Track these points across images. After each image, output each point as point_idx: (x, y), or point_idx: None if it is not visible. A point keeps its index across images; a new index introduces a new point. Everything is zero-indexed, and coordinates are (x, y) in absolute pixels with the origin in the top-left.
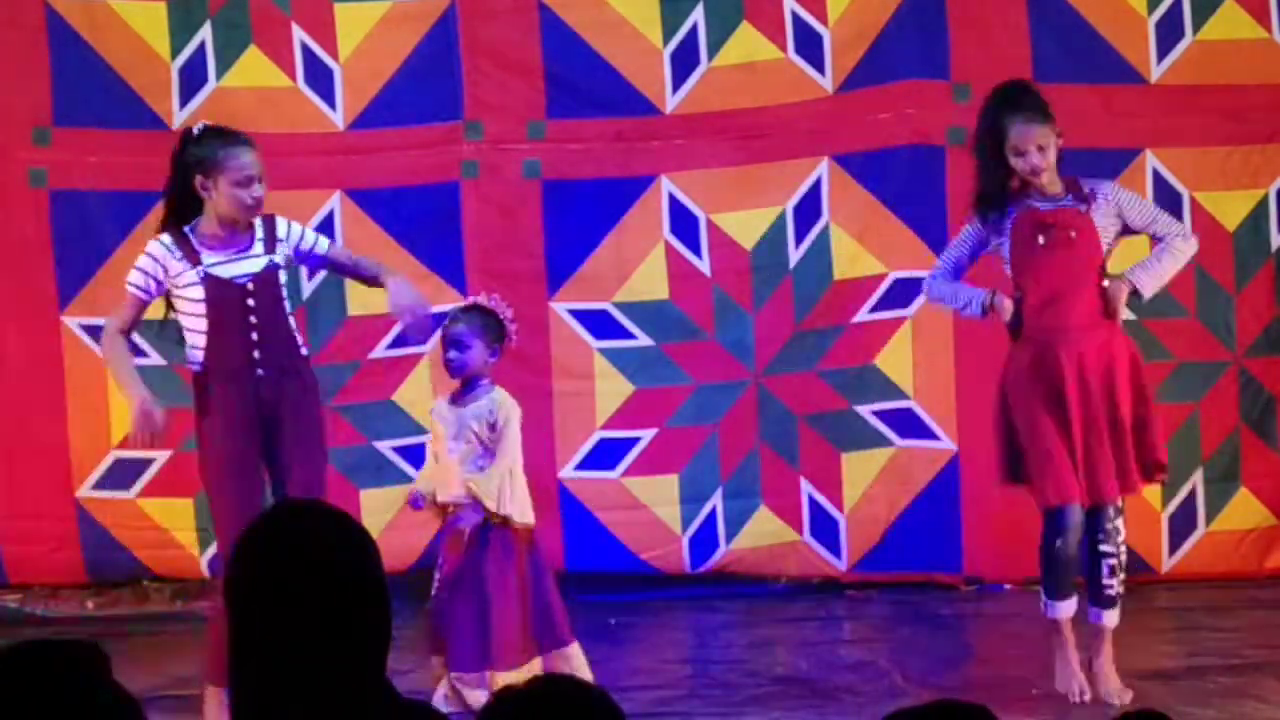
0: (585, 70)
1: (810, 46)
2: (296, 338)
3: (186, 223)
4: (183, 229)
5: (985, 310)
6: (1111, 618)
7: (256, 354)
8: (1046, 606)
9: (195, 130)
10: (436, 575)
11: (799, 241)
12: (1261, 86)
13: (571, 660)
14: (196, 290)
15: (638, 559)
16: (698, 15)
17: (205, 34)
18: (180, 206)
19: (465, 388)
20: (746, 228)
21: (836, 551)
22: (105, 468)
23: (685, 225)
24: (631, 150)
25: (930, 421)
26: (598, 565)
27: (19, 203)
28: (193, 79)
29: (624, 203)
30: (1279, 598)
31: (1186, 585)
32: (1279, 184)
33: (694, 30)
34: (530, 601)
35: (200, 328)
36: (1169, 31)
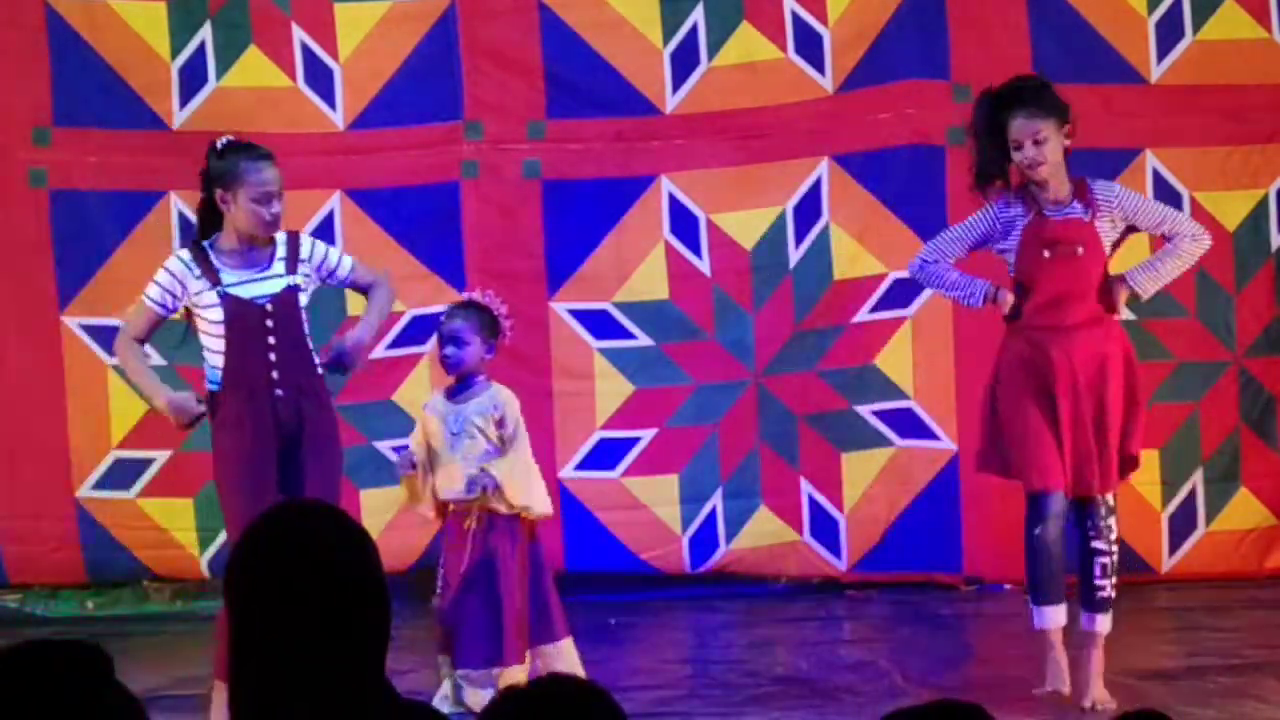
0: (585, 70)
1: (810, 46)
2: (314, 357)
3: (208, 237)
4: (202, 244)
5: (986, 302)
6: (1103, 623)
7: (275, 374)
8: (1033, 614)
9: (219, 144)
10: (439, 574)
11: (799, 241)
12: (1261, 86)
13: (564, 656)
14: (216, 311)
15: (638, 559)
16: (698, 15)
17: (205, 34)
18: (204, 222)
19: (461, 384)
20: (746, 228)
21: (836, 551)
22: (105, 468)
23: (685, 225)
24: (631, 150)
25: (930, 421)
26: (598, 565)
27: (19, 203)
28: (193, 79)
29: (624, 203)
30: (1279, 598)
31: (1186, 585)
32: (1279, 184)
33: (694, 30)
34: (530, 594)
35: (218, 347)
36: (1169, 31)
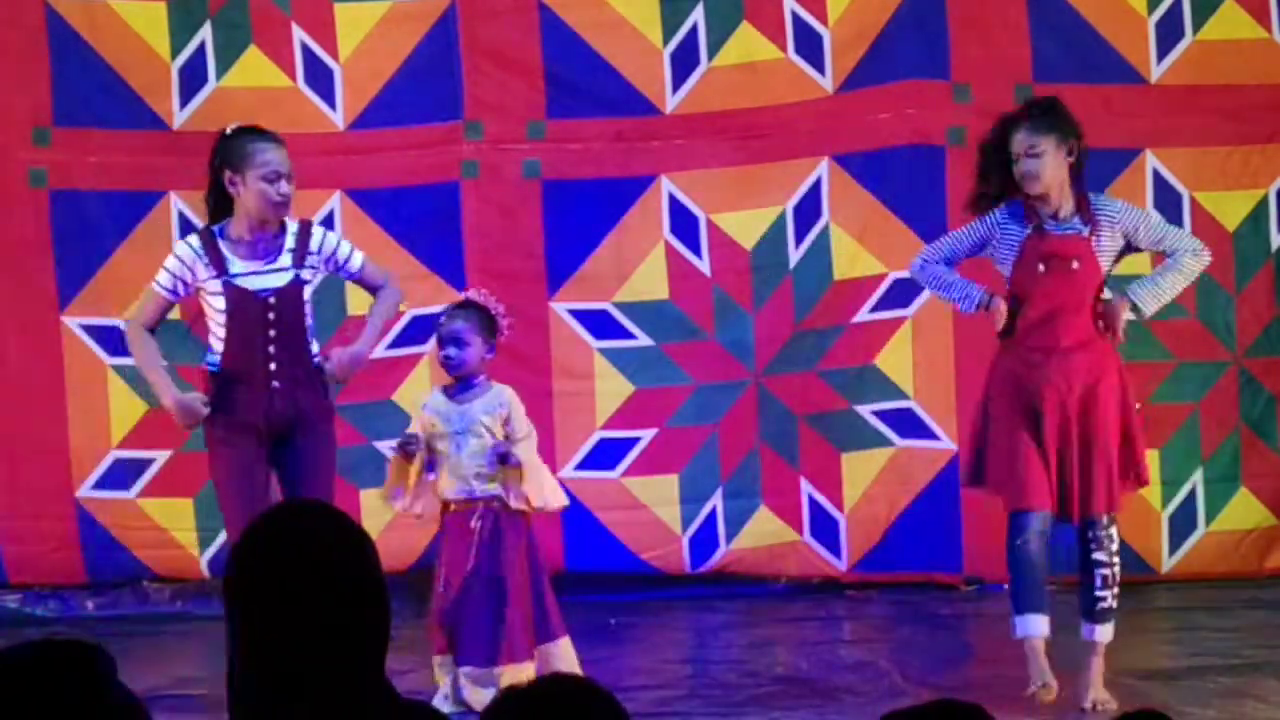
0: (585, 70)
1: (810, 46)
2: (314, 351)
3: (218, 223)
4: (212, 230)
5: (979, 309)
6: (1104, 634)
7: (273, 365)
8: (1014, 624)
9: (228, 130)
10: (439, 574)
11: (799, 241)
12: (1261, 86)
13: (563, 655)
14: (220, 300)
15: (638, 559)
16: (698, 15)
17: (205, 34)
18: (214, 209)
19: (462, 384)
20: (746, 228)
21: (836, 551)
22: (105, 468)
23: (685, 225)
24: (631, 150)
25: (930, 421)
26: (598, 565)
27: (19, 203)
28: (193, 79)
29: (624, 203)
30: (1279, 598)
31: (1186, 585)
32: (1279, 184)
33: (694, 30)
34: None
35: (221, 333)
36: (1169, 31)
